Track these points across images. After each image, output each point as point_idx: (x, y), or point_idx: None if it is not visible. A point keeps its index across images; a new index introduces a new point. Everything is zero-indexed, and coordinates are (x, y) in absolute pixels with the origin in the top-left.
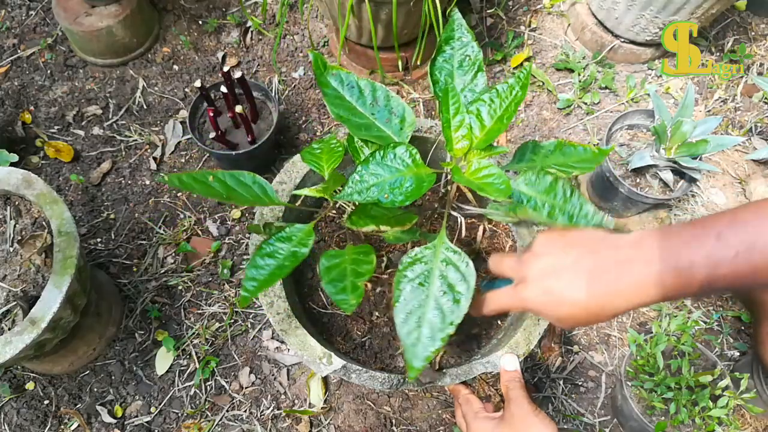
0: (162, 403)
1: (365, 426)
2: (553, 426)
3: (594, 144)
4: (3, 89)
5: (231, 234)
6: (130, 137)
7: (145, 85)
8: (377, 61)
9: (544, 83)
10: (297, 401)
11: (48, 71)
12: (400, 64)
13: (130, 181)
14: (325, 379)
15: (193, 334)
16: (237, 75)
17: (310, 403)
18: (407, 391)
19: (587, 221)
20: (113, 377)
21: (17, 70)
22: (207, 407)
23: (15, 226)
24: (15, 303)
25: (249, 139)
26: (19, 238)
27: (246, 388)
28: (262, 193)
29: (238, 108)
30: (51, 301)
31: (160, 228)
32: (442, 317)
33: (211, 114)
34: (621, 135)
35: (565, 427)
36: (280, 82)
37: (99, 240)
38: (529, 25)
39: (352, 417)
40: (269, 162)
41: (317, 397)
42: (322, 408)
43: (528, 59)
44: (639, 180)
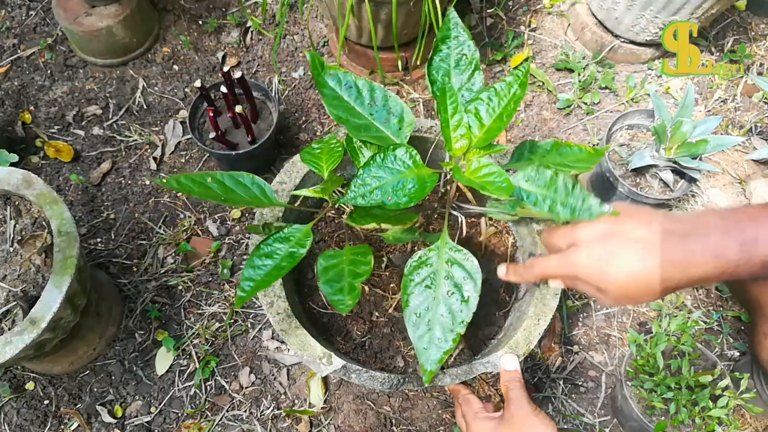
0: (162, 403)
1: (365, 426)
2: (553, 426)
3: (594, 144)
4: (3, 89)
5: (231, 234)
6: (130, 137)
7: (145, 85)
8: (377, 61)
9: (544, 83)
10: (297, 401)
11: (48, 71)
12: (400, 64)
13: (130, 181)
14: (325, 379)
15: (193, 334)
16: (237, 75)
17: (310, 403)
18: (407, 391)
19: (590, 214)
20: (113, 377)
21: (17, 70)
22: (207, 407)
23: (15, 226)
24: (15, 303)
25: (249, 139)
26: (19, 238)
27: (246, 388)
28: (261, 194)
29: (238, 108)
30: (51, 301)
31: (160, 228)
32: (452, 317)
33: (211, 114)
34: (621, 135)
35: (565, 427)
36: (280, 82)
37: (99, 240)
38: (529, 25)
39: (352, 417)
40: (269, 162)
41: (317, 397)
42: (322, 408)
43: (528, 59)
44: (639, 180)
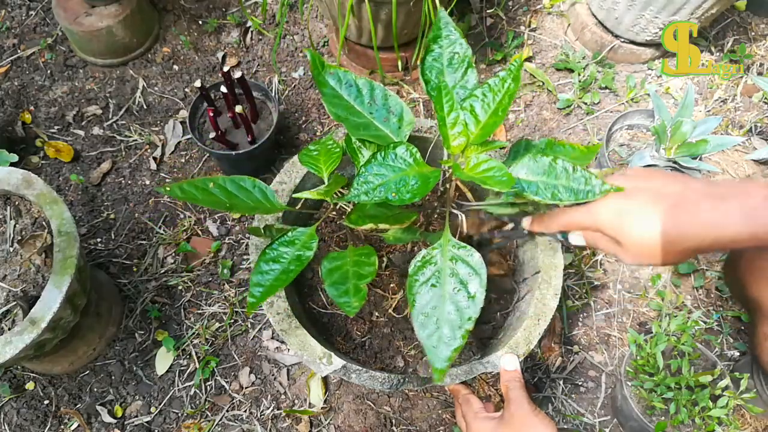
0: (162, 403)
1: (365, 426)
2: (553, 426)
3: (594, 144)
4: (3, 89)
5: (231, 234)
6: (130, 137)
7: (145, 85)
8: (377, 61)
9: (544, 83)
10: (297, 401)
11: (48, 71)
12: (399, 64)
13: (130, 181)
14: (325, 379)
15: (193, 334)
16: (237, 75)
17: (310, 403)
18: (407, 391)
19: (593, 195)
20: (113, 377)
21: (17, 70)
22: (207, 407)
23: (15, 226)
24: (15, 303)
25: (249, 139)
26: (19, 238)
27: (246, 388)
28: (263, 198)
29: (238, 108)
30: (51, 301)
31: (160, 228)
32: (459, 314)
33: (211, 114)
34: (621, 135)
35: (565, 427)
36: (280, 82)
37: (99, 240)
38: (529, 25)
39: (352, 417)
40: (269, 162)
41: (317, 397)
42: (322, 408)
43: (528, 59)
44: None
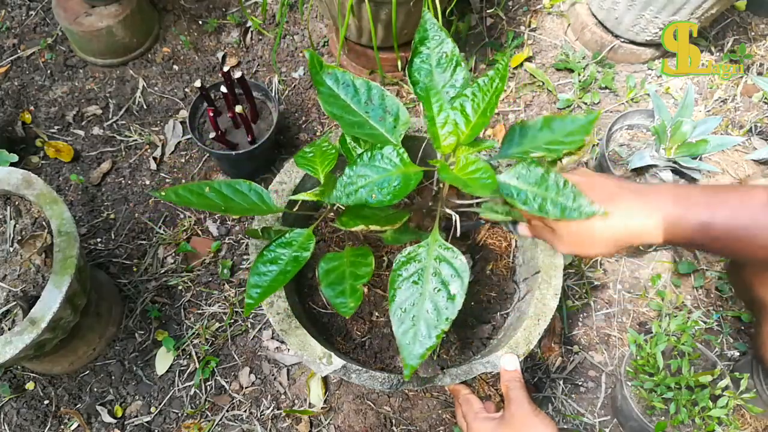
0: (162, 403)
1: (365, 426)
2: (553, 426)
3: (594, 144)
4: (3, 89)
5: (231, 234)
6: (130, 137)
7: (145, 85)
8: (377, 61)
9: (544, 83)
10: (297, 401)
11: (48, 71)
12: (399, 63)
13: (130, 181)
14: (325, 379)
15: (193, 334)
16: (237, 75)
17: (310, 403)
18: (407, 391)
19: (579, 214)
20: (113, 377)
21: (17, 70)
22: (207, 407)
23: (15, 226)
24: (15, 303)
25: (249, 139)
26: (19, 238)
27: (246, 388)
28: (259, 201)
29: (238, 108)
30: (51, 301)
31: (160, 228)
32: (437, 314)
33: (211, 114)
34: (621, 135)
35: (565, 427)
36: (280, 82)
37: (99, 240)
38: (529, 25)
39: (352, 417)
40: (269, 162)
41: (317, 397)
42: (322, 408)
43: (528, 59)
44: (639, 180)
